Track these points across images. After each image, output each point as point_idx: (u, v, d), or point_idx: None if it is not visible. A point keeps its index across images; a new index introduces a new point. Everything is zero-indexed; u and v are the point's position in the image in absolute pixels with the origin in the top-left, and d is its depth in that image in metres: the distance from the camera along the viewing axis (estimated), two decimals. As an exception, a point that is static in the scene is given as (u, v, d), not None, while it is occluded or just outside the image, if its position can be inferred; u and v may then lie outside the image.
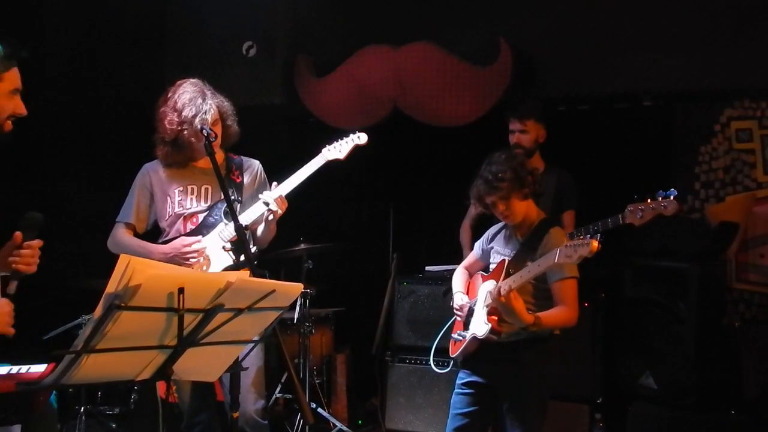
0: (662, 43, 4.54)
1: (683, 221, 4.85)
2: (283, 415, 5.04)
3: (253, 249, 3.63)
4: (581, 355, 4.61)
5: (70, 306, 4.50)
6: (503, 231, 3.49)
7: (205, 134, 3.24)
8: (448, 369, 4.45)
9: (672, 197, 3.48)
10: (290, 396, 5.01)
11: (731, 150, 4.85)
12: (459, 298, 3.51)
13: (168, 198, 3.59)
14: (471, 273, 3.66)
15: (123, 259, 1.96)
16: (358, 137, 3.70)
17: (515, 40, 4.81)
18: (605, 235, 3.87)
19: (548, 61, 4.83)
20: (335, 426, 4.88)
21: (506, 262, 3.28)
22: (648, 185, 3.67)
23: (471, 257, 3.68)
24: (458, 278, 3.65)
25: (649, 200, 3.57)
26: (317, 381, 5.03)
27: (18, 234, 2.36)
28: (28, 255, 2.35)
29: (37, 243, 2.40)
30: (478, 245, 3.64)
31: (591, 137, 5.09)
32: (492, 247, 3.52)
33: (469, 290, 3.57)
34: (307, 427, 4.66)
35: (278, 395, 4.99)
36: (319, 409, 4.88)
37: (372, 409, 5.28)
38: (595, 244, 2.84)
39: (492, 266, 3.47)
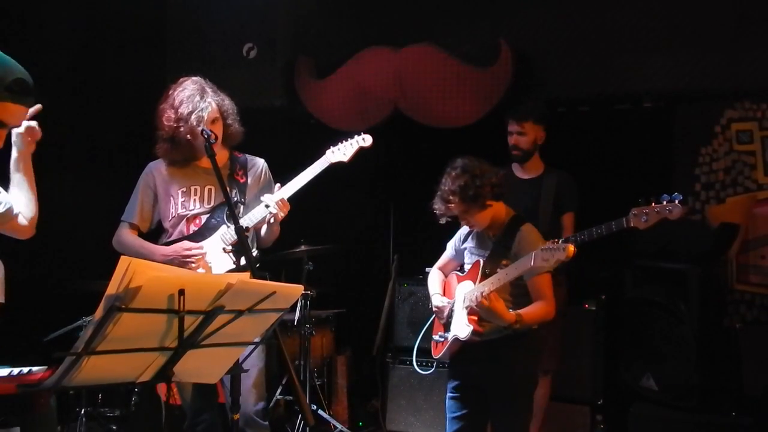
0: (662, 45, 4.54)
1: (684, 223, 4.85)
2: (283, 417, 5.04)
3: (255, 252, 3.62)
4: (582, 356, 4.61)
5: (70, 308, 4.49)
6: (475, 231, 3.51)
7: (206, 136, 3.18)
8: (432, 370, 4.47)
9: (677, 201, 3.49)
10: (291, 398, 5.01)
11: (732, 151, 4.85)
12: (438, 300, 3.53)
13: (171, 198, 3.58)
14: (445, 273, 3.69)
15: (123, 261, 1.95)
16: (363, 139, 3.67)
17: (516, 41, 4.82)
18: (606, 237, 3.90)
19: (548, 63, 4.83)
20: (336, 427, 4.87)
21: (481, 262, 3.32)
22: (648, 187, 3.68)
23: (444, 258, 3.71)
24: (434, 280, 3.67)
25: (653, 204, 3.57)
26: (318, 383, 5.03)
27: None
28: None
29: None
30: (451, 246, 3.67)
31: (591, 138, 5.09)
32: (465, 247, 3.54)
33: (445, 291, 3.60)
34: (307, 429, 4.66)
35: (279, 397, 4.99)
36: (320, 411, 4.88)
37: (373, 410, 5.28)
38: (572, 248, 2.89)
39: (467, 266, 3.50)
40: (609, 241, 3.92)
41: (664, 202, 3.54)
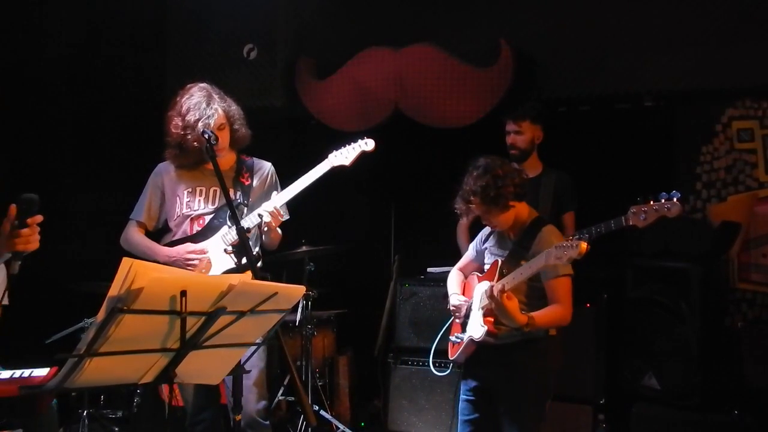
0: (663, 43, 4.54)
1: (685, 221, 4.85)
2: (285, 418, 5.04)
3: (257, 250, 3.65)
4: (584, 356, 4.60)
5: (72, 309, 4.51)
6: (496, 231, 3.47)
7: (206, 137, 3.30)
8: (448, 371, 4.46)
9: (675, 199, 3.48)
10: (293, 398, 5.01)
11: (733, 150, 4.85)
12: (455, 299, 3.49)
13: (177, 198, 3.65)
14: (466, 274, 3.65)
15: (125, 263, 1.96)
16: (366, 143, 3.68)
17: (516, 41, 4.81)
18: (607, 236, 3.90)
19: (549, 62, 4.83)
20: (338, 428, 4.87)
21: (499, 262, 3.28)
22: (649, 186, 3.67)
23: (465, 258, 3.67)
24: (453, 280, 3.63)
25: (652, 202, 3.57)
26: (319, 383, 5.03)
27: (12, 207, 2.25)
28: (27, 233, 2.25)
29: (35, 219, 2.27)
30: (472, 246, 3.64)
31: (592, 138, 5.09)
32: (486, 248, 3.50)
33: (465, 292, 3.56)
34: (309, 430, 4.65)
35: (281, 398, 4.99)
36: (322, 411, 4.88)
37: (374, 411, 5.27)
38: (584, 246, 2.83)
39: (486, 267, 3.46)
40: (610, 241, 3.92)
41: (663, 200, 3.54)
